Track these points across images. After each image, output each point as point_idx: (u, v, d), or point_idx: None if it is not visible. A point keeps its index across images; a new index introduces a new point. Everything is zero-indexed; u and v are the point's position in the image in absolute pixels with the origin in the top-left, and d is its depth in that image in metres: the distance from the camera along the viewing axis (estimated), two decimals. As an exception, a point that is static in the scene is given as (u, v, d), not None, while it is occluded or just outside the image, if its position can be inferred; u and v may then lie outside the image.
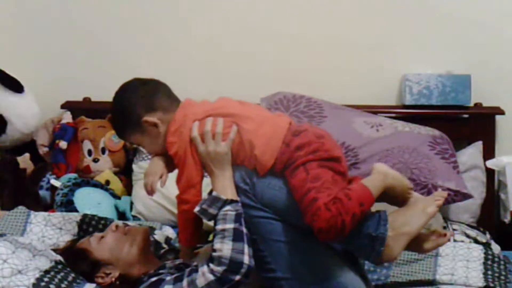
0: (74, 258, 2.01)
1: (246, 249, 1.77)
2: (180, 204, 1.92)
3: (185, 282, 1.77)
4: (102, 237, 2.02)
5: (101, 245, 2.00)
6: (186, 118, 1.92)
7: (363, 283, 1.91)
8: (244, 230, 1.80)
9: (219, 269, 1.74)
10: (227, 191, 1.85)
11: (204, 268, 1.76)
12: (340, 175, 1.84)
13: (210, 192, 1.87)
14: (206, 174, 1.94)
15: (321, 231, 1.73)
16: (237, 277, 1.75)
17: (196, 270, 1.78)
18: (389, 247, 1.78)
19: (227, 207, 1.82)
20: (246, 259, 1.76)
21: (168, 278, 1.82)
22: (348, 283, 1.86)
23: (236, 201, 1.84)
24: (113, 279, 1.95)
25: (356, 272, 1.91)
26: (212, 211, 1.83)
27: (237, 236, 1.78)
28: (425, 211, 1.82)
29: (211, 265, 1.75)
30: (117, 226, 2.05)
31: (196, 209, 1.84)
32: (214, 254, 1.77)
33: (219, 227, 1.80)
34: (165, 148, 1.93)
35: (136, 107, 1.93)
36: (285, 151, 1.85)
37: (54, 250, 2.10)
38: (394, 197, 1.86)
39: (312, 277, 1.85)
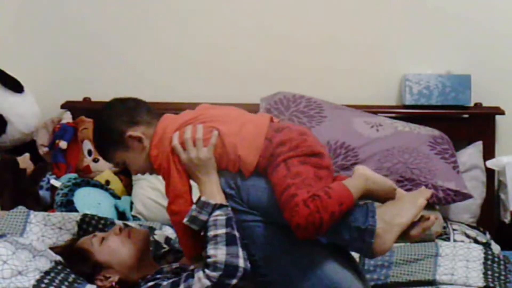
0: (74, 258, 2.01)
1: (240, 252, 1.77)
2: (171, 216, 1.91)
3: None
4: (104, 238, 2.01)
5: (103, 248, 1.99)
6: (166, 129, 1.91)
7: (357, 280, 1.90)
8: (237, 233, 1.79)
9: (215, 274, 1.73)
10: (216, 196, 1.84)
11: (200, 274, 1.75)
12: (324, 169, 1.83)
13: (198, 200, 1.86)
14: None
15: (299, 228, 1.73)
16: (234, 281, 1.74)
17: (192, 276, 1.78)
18: (380, 238, 1.77)
19: (217, 212, 1.81)
20: (241, 262, 1.75)
21: (164, 283, 1.82)
22: (340, 281, 1.85)
23: (225, 206, 1.83)
24: (113, 283, 1.96)
25: (349, 269, 1.90)
26: (203, 217, 1.82)
27: (230, 241, 1.77)
28: (415, 203, 1.83)
29: (207, 271, 1.74)
30: (120, 229, 2.05)
31: (185, 219, 1.83)
32: (208, 260, 1.76)
33: (211, 233, 1.79)
34: (150, 164, 1.92)
35: (118, 123, 1.92)
36: (268, 147, 1.84)
37: (53, 248, 2.10)
38: (375, 198, 1.87)
39: (304, 278, 1.84)
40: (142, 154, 1.92)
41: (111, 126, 1.92)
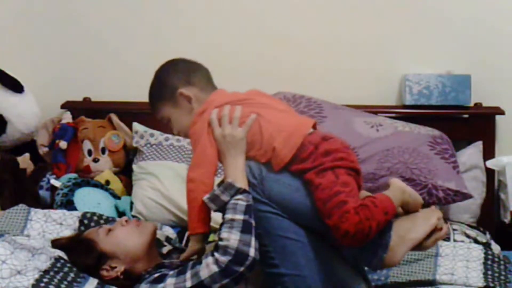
0: (80, 248, 2.00)
1: (253, 242, 1.77)
2: (187, 183, 1.92)
3: (188, 274, 1.77)
4: (110, 230, 2.02)
5: (109, 238, 2.00)
6: (211, 103, 1.94)
7: (361, 280, 1.93)
8: (253, 223, 1.80)
9: (224, 259, 1.74)
10: (239, 180, 1.85)
11: (208, 259, 1.76)
12: (358, 187, 1.86)
13: (219, 184, 1.87)
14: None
15: (347, 234, 1.74)
16: (241, 269, 1.74)
17: (200, 262, 1.78)
18: (392, 252, 1.79)
19: (239, 196, 1.82)
20: (252, 251, 1.76)
21: (170, 272, 1.83)
22: (348, 281, 1.88)
23: (248, 192, 1.84)
24: (118, 273, 1.96)
25: (355, 271, 1.92)
26: (224, 197, 1.82)
27: (245, 228, 1.77)
28: (428, 220, 1.84)
29: (216, 254, 1.75)
30: (127, 221, 2.06)
31: (206, 196, 1.84)
32: (220, 243, 1.76)
33: (228, 216, 1.79)
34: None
35: (174, 78, 1.98)
36: (313, 153, 1.85)
37: (58, 240, 2.10)
38: (406, 212, 1.88)
39: (314, 273, 1.85)
40: (188, 116, 1.96)
41: (167, 79, 1.99)
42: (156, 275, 1.86)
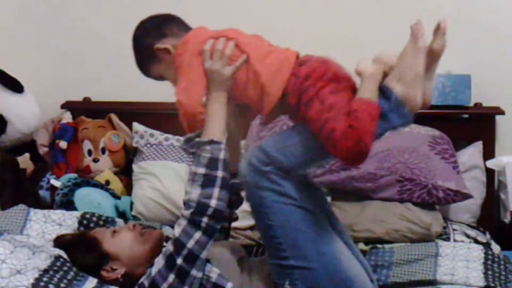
0: (83, 246, 2.01)
1: (215, 193, 1.82)
2: (178, 106, 1.92)
3: (169, 245, 1.84)
4: (115, 231, 2.04)
5: (114, 239, 2.01)
6: (197, 34, 1.95)
7: (370, 282, 1.94)
8: (219, 174, 1.83)
9: (187, 212, 1.81)
10: (216, 119, 1.87)
11: (179, 219, 1.84)
12: (351, 87, 1.86)
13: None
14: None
15: (347, 160, 1.78)
16: (204, 219, 1.80)
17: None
18: (410, 100, 1.79)
19: (204, 147, 1.84)
20: (213, 202, 1.81)
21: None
22: (354, 278, 1.88)
23: (217, 142, 1.85)
24: (119, 276, 1.96)
25: (364, 270, 1.94)
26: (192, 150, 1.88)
27: (207, 182, 1.82)
28: (416, 48, 1.87)
29: (182, 210, 1.83)
30: (134, 226, 2.07)
31: (185, 137, 1.89)
32: (184, 197, 1.84)
33: (192, 168, 1.85)
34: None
35: (146, 38, 1.98)
36: (295, 83, 1.86)
37: (63, 236, 2.11)
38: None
39: (324, 269, 1.85)
40: (174, 65, 1.96)
41: (141, 41, 1.99)
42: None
